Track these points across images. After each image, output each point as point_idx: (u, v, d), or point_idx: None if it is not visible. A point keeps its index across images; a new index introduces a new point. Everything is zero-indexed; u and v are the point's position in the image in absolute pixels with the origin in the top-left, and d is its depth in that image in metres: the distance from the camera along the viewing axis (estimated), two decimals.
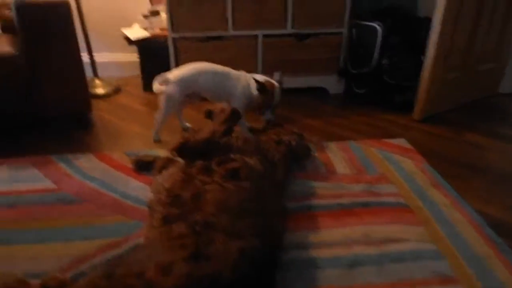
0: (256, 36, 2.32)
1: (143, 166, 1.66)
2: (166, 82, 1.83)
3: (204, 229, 0.98)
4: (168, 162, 1.55)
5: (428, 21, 2.37)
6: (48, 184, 1.58)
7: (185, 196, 1.14)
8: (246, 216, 1.05)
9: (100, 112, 2.25)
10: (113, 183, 1.59)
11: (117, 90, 2.52)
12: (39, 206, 1.45)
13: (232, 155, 1.32)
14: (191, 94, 1.91)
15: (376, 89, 2.37)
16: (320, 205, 1.47)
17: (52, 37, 1.85)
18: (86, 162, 1.74)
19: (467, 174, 1.71)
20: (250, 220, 1.07)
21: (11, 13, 1.85)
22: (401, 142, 1.93)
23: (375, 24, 2.26)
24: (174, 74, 1.84)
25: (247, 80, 1.87)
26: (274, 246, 1.09)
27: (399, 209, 1.45)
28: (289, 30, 2.33)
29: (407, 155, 1.81)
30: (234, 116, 1.49)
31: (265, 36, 2.33)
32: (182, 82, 1.82)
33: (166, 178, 1.31)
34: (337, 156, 1.80)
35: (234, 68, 1.92)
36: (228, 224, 1.02)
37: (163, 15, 2.43)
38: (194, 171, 1.25)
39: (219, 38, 2.30)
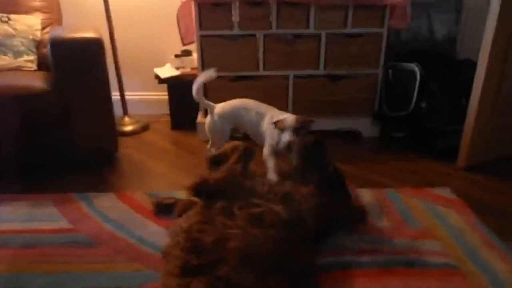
0: (287, 77, 2.26)
1: (164, 209, 1.56)
2: (210, 110, 1.89)
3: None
4: (190, 205, 1.45)
5: (468, 63, 2.26)
6: (64, 224, 1.51)
7: (206, 241, 1.03)
8: (273, 273, 0.92)
9: (126, 150, 2.21)
10: (130, 226, 1.49)
11: (145, 128, 2.50)
12: (54, 247, 1.37)
13: (255, 200, 1.20)
14: (235, 129, 1.92)
15: (414, 133, 2.22)
16: (355, 262, 1.30)
17: (84, 73, 1.85)
18: (106, 201, 1.66)
19: None
20: (278, 278, 0.93)
21: (47, 50, 1.89)
22: (446, 192, 1.75)
23: (413, 66, 2.15)
24: (219, 105, 1.88)
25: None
26: None
27: (448, 271, 1.26)
28: (321, 71, 2.26)
29: (453, 207, 1.63)
30: (247, 154, 1.39)
31: (296, 76, 2.26)
32: (225, 115, 1.85)
33: (184, 219, 1.20)
34: (373, 205, 1.64)
35: None
36: (253, 282, 0.89)
37: (195, 55, 2.43)
38: (214, 212, 1.14)
39: (250, 77, 2.26)
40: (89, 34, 1.82)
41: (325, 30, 2.17)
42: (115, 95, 2.25)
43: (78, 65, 1.84)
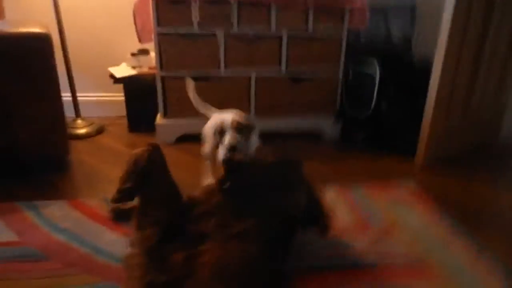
0: (249, 77, 2.22)
1: (121, 215, 1.46)
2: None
3: None
4: None
5: (425, 63, 2.33)
6: (9, 236, 1.37)
7: (176, 258, 0.95)
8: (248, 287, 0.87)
9: (79, 154, 2.07)
10: (84, 235, 1.38)
11: (99, 131, 2.36)
12: None
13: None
14: None
15: (376, 132, 2.26)
16: (323, 266, 1.28)
17: (29, 72, 1.71)
18: (57, 210, 1.53)
19: (483, 222, 1.55)
20: None
21: None
22: (407, 188, 1.79)
23: (372, 66, 2.19)
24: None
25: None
26: None
27: (413, 266, 1.28)
28: (283, 71, 2.24)
29: (415, 202, 1.66)
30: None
31: (258, 77, 2.23)
32: None
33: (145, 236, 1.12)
34: (336, 202, 1.64)
35: (228, 108, 1.78)
36: None
37: (152, 54, 2.34)
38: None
39: (211, 78, 2.20)
40: (35, 29, 1.68)
41: (286, 31, 2.15)
42: (66, 96, 2.10)
43: (23, 63, 1.68)
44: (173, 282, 0.91)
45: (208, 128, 1.60)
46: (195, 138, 2.20)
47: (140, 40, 2.18)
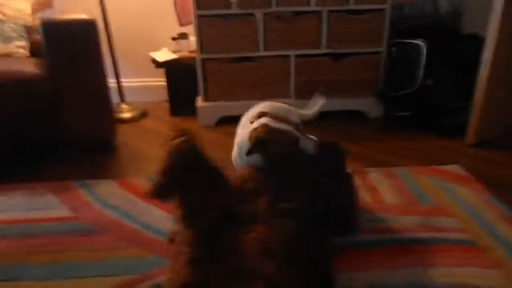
0: (288, 57, 2.19)
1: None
2: None
3: (242, 276, 0.79)
4: None
5: (475, 38, 2.19)
6: (64, 212, 1.45)
7: (226, 239, 0.97)
8: (292, 264, 0.86)
9: (125, 137, 2.14)
10: (133, 212, 1.44)
11: (143, 115, 2.43)
12: (53, 236, 1.32)
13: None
14: None
15: (420, 111, 2.16)
16: (370, 241, 1.26)
17: (78, 57, 1.78)
18: (107, 188, 1.60)
19: None
20: (297, 268, 0.88)
21: (39, 36, 1.81)
22: (456, 169, 1.70)
23: (418, 42, 2.08)
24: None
25: None
26: None
27: (466, 248, 1.22)
28: (323, 49, 2.19)
29: (465, 184, 1.58)
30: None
31: (297, 56, 2.19)
32: None
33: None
34: (383, 184, 1.59)
35: (267, 90, 1.76)
36: (272, 271, 0.84)
37: (192, 38, 2.36)
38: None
39: (249, 59, 2.19)
40: (82, 16, 1.74)
41: (326, 6, 2.09)
42: (111, 82, 2.17)
43: (72, 49, 1.76)
44: (219, 257, 0.92)
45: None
46: (235, 120, 2.22)
47: (180, 23, 2.20)
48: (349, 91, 2.29)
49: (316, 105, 1.64)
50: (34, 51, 2.02)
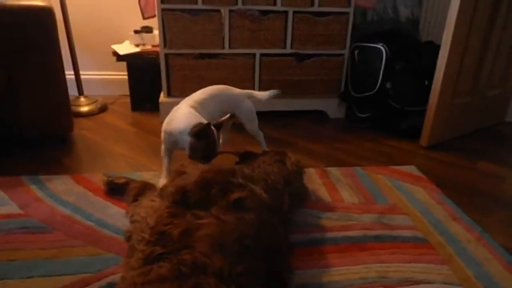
0: (253, 55, 2.19)
1: (115, 189, 1.46)
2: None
3: (192, 272, 0.78)
4: (143, 188, 1.36)
5: (431, 45, 2.30)
6: (13, 208, 1.37)
7: (173, 233, 0.94)
8: (247, 258, 0.86)
9: (82, 132, 2.06)
10: (88, 209, 1.38)
11: (102, 109, 2.34)
12: (0, 234, 1.24)
13: (235, 180, 1.12)
14: None
15: (380, 114, 2.23)
16: (327, 238, 1.28)
17: (33, 47, 1.69)
18: (61, 184, 1.53)
19: (486, 205, 1.54)
20: (251, 263, 0.87)
21: None
22: (411, 169, 1.77)
23: (379, 46, 2.15)
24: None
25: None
26: None
27: (417, 244, 1.27)
28: (288, 49, 2.21)
29: (419, 184, 1.65)
30: None
31: (262, 55, 2.20)
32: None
33: (150, 213, 1.11)
34: (342, 183, 1.63)
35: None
36: (224, 267, 0.83)
37: (156, 32, 2.30)
38: (188, 204, 1.05)
39: (214, 55, 2.17)
40: (38, 2, 1.66)
41: (291, 7, 2.11)
42: (69, 74, 2.08)
43: (25, 37, 1.67)
44: (170, 253, 0.90)
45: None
46: None
47: (143, 16, 2.14)
48: (312, 91, 2.33)
49: (272, 92, 1.79)
50: None
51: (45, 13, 1.65)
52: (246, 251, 0.89)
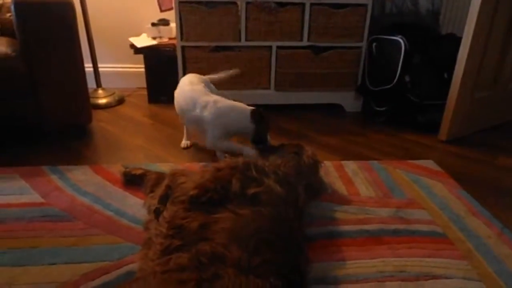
0: (269, 48, 2.18)
1: (133, 179, 1.49)
2: None
3: (211, 262, 0.78)
4: (159, 179, 1.38)
5: (452, 37, 2.25)
6: (35, 197, 1.41)
7: (191, 226, 0.95)
8: (264, 250, 0.86)
9: (100, 123, 2.09)
10: (107, 199, 1.41)
11: (120, 101, 2.37)
12: (22, 222, 1.27)
13: (250, 174, 1.12)
14: None
15: (397, 107, 2.20)
16: (344, 232, 1.28)
17: (53, 39, 1.72)
18: (81, 174, 1.56)
19: (507, 201, 1.51)
20: (269, 255, 0.87)
21: (11, 16, 1.73)
22: (429, 164, 1.74)
23: (398, 38, 2.11)
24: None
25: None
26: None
27: (435, 239, 1.25)
28: (305, 42, 2.19)
29: (437, 178, 1.62)
30: None
31: (279, 47, 2.19)
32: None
33: (167, 207, 1.12)
34: (359, 176, 1.62)
35: (247, 80, 1.77)
36: (242, 258, 0.83)
37: (173, 25, 2.31)
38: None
39: (230, 48, 2.17)
40: None
41: None
42: (88, 66, 2.10)
43: (46, 30, 1.70)
44: (188, 245, 0.91)
45: None
46: None
47: (160, 9, 2.15)
48: (329, 84, 2.31)
49: (227, 73, 1.91)
50: (5, 30, 1.94)
51: (66, 6, 1.67)
52: (263, 244, 0.89)
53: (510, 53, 2.05)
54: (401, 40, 2.10)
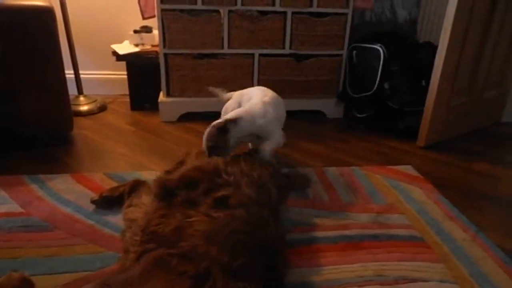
0: (252, 55, 2.21)
1: (112, 201, 1.42)
2: None
3: (199, 257, 0.80)
4: (135, 186, 1.39)
5: (428, 45, 2.32)
6: (14, 207, 1.38)
7: (165, 231, 0.96)
8: (242, 252, 0.87)
9: (82, 131, 2.07)
10: (89, 207, 1.40)
11: (102, 108, 2.36)
12: (1, 233, 1.25)
13: (220, 180, 1.14)
14: None
15: (377, 114, 2.25)
16: (324, 237, 1.30)
17: (33, 47, 1.70)
18: (62, 183, 1.55)
19: (482, 204, 1.57)
20: (247, 257, 0.89)
21: None
22: (408, 169, 1.79)
23: (377, 47, 2.17)
24: None
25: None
26: None
27: (413, 243, 1.29)
28: (287, 50, 2.23)
29: (416, 183, 1.67)
30: None
31: (261, 55, 2.21)
32: None
33: (140, 215, 1.12)
34: (339, 182, 1.65)
35: (230, 87, 1.79)
36: (224, 259, 0.84)
37: (155, 32, 2.32)
38: (174, 206, 1.07)
39: (213, 55, 2.18)
40: (38, 2, 1.67)
41: (290, 8, 2.13)
42: (69, 73, 2.09)
43: (25, 36, 1.68)
44: (164, 247, 0.92)
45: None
46: (197, 117, 2.21)
47: (143, 16, 2.16)
48: (311, 91, 2.35)
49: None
50: None
51: (46, 12, 1.66)
52: (240, 246, 0.90)
53: (483, 62, 2.13)
54: (380, 48, 2.16)
